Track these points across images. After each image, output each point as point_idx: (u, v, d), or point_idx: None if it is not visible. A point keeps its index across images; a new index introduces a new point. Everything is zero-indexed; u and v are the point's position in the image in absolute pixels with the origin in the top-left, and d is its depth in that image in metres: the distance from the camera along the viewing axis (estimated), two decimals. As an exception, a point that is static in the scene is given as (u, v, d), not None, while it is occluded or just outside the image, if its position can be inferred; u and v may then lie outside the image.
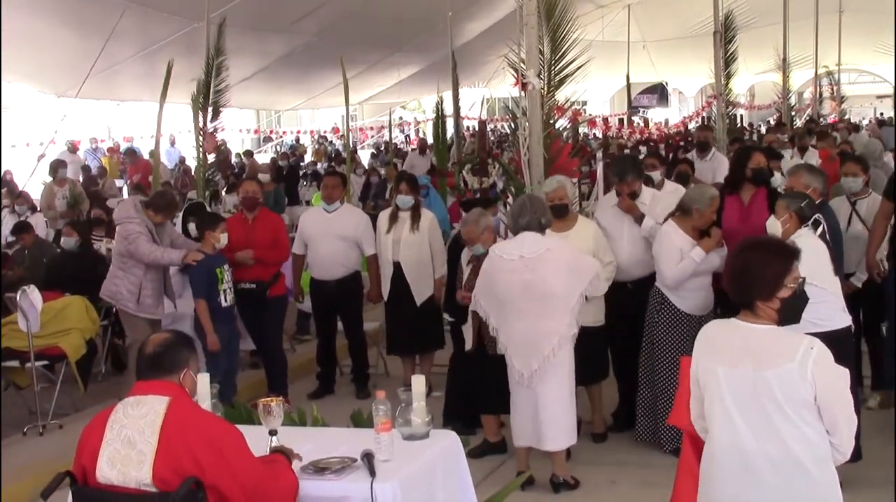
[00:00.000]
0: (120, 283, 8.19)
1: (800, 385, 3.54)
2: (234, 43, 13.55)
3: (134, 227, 8.07)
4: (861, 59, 35.71)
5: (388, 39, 23.39)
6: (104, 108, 25.39)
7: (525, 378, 6.39)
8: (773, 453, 3.57)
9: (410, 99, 35.24)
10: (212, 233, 7.99)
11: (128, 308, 8.21)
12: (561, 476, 6.57)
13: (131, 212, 8.19)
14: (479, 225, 7.12)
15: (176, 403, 3.81)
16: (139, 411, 3.81)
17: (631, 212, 7.41)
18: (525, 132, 8.14)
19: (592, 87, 30.68)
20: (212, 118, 12.31)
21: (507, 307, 6.42)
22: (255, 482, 3.82)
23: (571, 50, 8.75)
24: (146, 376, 3.91)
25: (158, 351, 3.91)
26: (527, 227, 6.46)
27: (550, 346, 6.31)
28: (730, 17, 17.01)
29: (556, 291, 6.33)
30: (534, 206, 6.53)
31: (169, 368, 3.90)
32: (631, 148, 19.20)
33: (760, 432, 3.58)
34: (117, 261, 8.29)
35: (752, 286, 3.65)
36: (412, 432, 4.55)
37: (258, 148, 35.82)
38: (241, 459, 3.82)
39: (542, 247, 6.39)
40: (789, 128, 21.29)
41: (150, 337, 4.04)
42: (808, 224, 6.06)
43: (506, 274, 6.42)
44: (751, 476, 3.60)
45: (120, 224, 8.28)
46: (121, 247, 8.22)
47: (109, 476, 3.78)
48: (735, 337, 3.67)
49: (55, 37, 17.36)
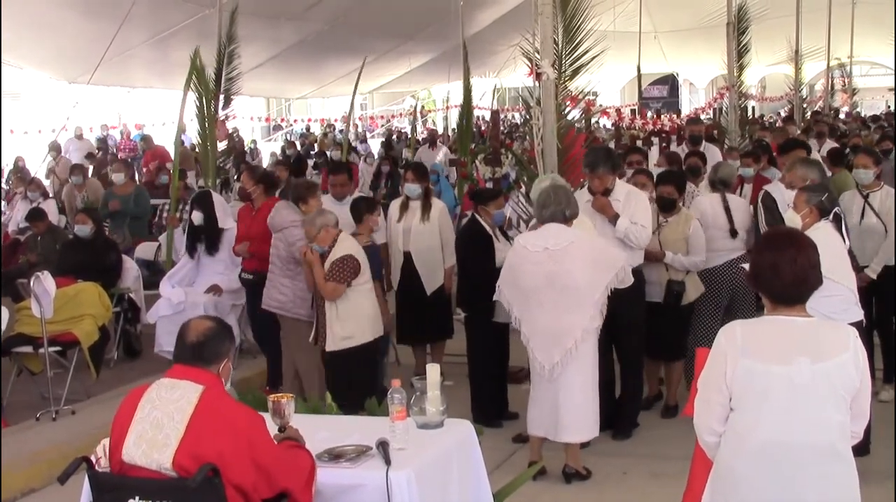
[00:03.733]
0: (287, 292, 7.79)
1: (854, 373, 3.59)
2: (246, 30, 13.54)
3: (298, 232, 7.59)
4: (874, 52, 35.55)
5: (399, 28, 23.35)
6: (116, 95, 25.40)
7: (546, 370, 6.38)
8: (821, 445, 3.57)
9: (421, 88, 35.18)
10: (371, 217, 7.95)
11: (300, 315, 7.76)
12: (573, 466, 6.58)
13: (293, 216, 7.82)
14: (316, 224, 7.04)
15: (209, 393, 3.83)
16: (172, 395, 3.83)
17: (604, 213, 7.13)
18: (539, 122, 8.14)
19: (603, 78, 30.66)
20: (223, 106, 12.33)
21: (531, 299, 6.40)
22: (274, 466, 3.83)
23: (586, 40, 8.74)
24: (186, 362, 3.91)
25: (202, 340, 3.90)
26: (552, 218, 6.42)
27: (573, 339, 6.29)
28: (743, 8, 16.96)
29: (580, 284, 6.30)
30: (558, 197, 6.48)
31: (209, 359, 3.91)
32: (644, 139, 19.14)
33: (811, 427, 3.56)
34: (282, 270, 7.83)
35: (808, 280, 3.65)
36: (427, 421, 4.56)
37: (268, 136, 35.86)
38: (264, 448, 3.83)
39: (566, 240, 6.35)
40: (801, 121, 21.27)
41: (192, 323, 4.00)
42: (828, 218, 6.05)
43: (530, 265, 6.38)
44: (799, 471, 3.56)
45: (282, 230, 7.85)
46: (285, 253, 7.80)
47: (134, 455, 3.80)
48: (782, 333, 3.64)
49: (68, 23, 17.36)
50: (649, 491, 6.45)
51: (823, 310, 4.24)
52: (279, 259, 7.85)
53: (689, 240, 7.62)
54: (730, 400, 3.66)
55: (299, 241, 7.53)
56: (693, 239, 7.63)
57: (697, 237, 7.65)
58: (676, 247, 7.58)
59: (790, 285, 3.65)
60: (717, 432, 3.72)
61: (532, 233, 6.71)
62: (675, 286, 7.55)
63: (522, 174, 9.15)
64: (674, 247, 7.57)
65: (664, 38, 32.54)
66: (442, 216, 8.78)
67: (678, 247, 7.59)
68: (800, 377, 3.56)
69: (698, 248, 7.64)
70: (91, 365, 8.51)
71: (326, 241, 7.02)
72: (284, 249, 7.79)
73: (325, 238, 7.02)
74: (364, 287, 7.12)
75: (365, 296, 7.13)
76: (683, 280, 7.59)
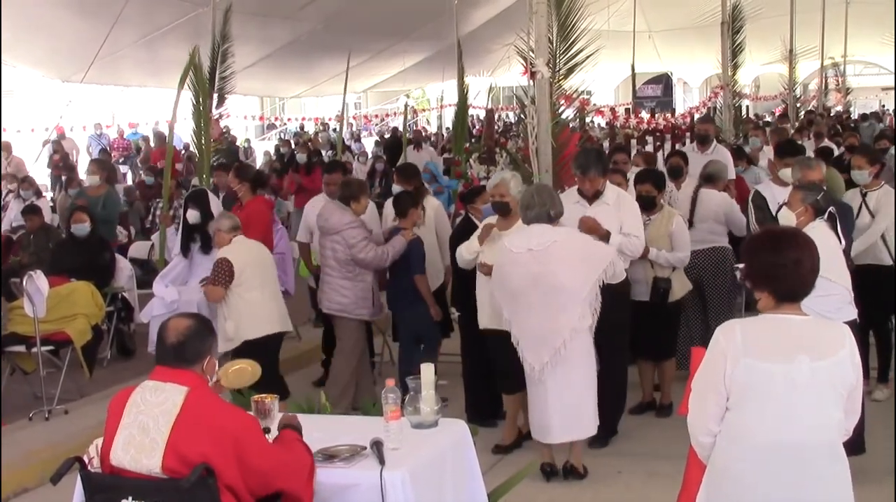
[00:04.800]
0: (349, 293, 7.81)
1: (850, 371, 3.61)
2: (239, 29, 13.53)
3: (357, 233, 7.69)
4: (867, 51, 35.64)
5: (393, 27, 23.34)
6: (109, 94, 25.37)
7: (536, 371, 6.35)
8: (821, 444, 3.57)
9: (415, 87, 35.17)
10: (415, 211, 8.02)
11: (362, 315, 7.88)
12: (573, 463, 6.56)
13: (348, 216, 7.79)
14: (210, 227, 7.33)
15: (194, 394, 3.79)
16: (157, 398, 3.80)
17: (594, 233, 6.91)
18: (533, 121, 8.12)
19: (597, 77, 30.67)
20: (217, 105, 12.30)
21: (519, 300, 6.38)
22: (269, 469, 3.81)
23: (580, 39, 8.72)
24: (168, 363, 3.87)
25: (182, 340, 3.86)
26: (536, 219, 6.40)
27: (562, 339, 6.26)
28: (738, 7, 16.96)
29: (566, 284, 6.27)
30: (542, 198, 6.46)
31: (191, 358, 3.87)
32: (638, 138, 19.15)
33: (812, 425, 3.56)
34: (341, 272, 7.82)
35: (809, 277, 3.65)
36: (421, 420, 4.55)
37: (262, 135, 35.81)
38: (256, 450, 3.81)
39: (549, 240, 6.31)
40: (794, 120, 21.28)
41: (171, 323, 3.95)
42: (823, 217, 6.04)
43: (515, 266, 6.37)
44: (799, 470, 3.55)
45: (339, 232, 7.78)
46: (344, 255, 7.77)
47: (122, 460, 3.78)
48: (782, 332, 3.63)
49: (61, 22, 17.34)
50: (645, 491, 6.44)
51: (818, 309, 4.24)
52: (337, 261, 7.83)
53: (673, 237, 7.62)
54: (727, 400, 3.65)
55: (360, 242, 7.67)
56: (676, 235, 7.63)
57: (681, 233, 7.66)
58: (660, 243, 7.56)
59: (794, 284, 3.64)
60: (712, 432, 3.71)
61: (516, 234, 6.66)
62: (662, 283, 7.53)
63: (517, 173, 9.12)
64: (657, 244, 7.54)
65: (658, 37, 32.56)
66: (438, 215, 8.77)
67: (662, 243, 7.57)
68: (800, 375, 3.56)
69: (682, 244, 7.64)
70: (84, 364, 8.49)
71: (221, 245, 7.52)
72: (343, 251, 7.78)
73: (219, 241, 7.54)
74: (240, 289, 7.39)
75: (241, 297, 7.40)
76: (669, 277, 7.58)
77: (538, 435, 6.55)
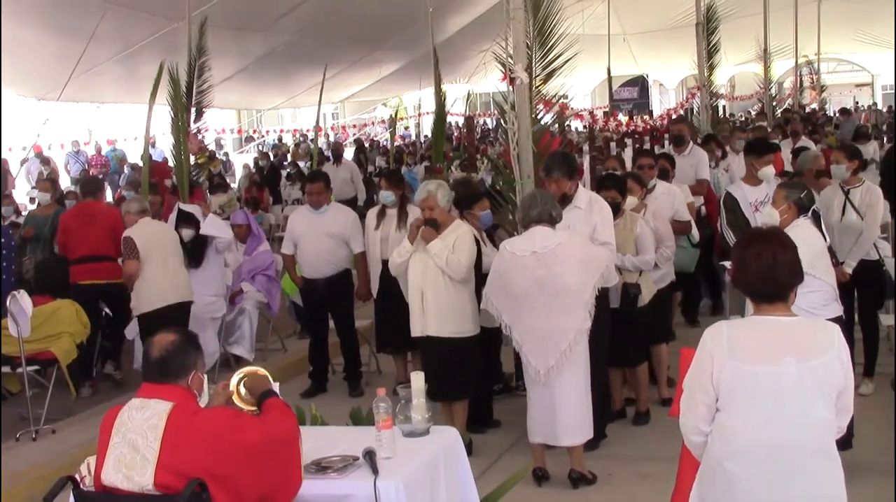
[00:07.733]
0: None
1: (839, 371, 3.61)
2: (215, 43, 13.49)
3: None
4: (840, 49, 35.90)
5: (368, 37, 23.33)
6: (85, 111, 25.25)
7: (542, 375, 6.33)
8: (810, 444, 3.58)
9: (392, 96, 35.17)
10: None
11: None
12: (579, 470, 6.51)
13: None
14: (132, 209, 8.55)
15: (179, 409, 3.77)
16: (143, 415, 3.78)
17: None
18: (514, 126, 8.13)
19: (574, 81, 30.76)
20: (195, 118, 12.27)
21: (522, 304, 6.35)
22: (269, 460, 3.81)
23: (558, 44, 8.75)
24: (153, 379, 3.86)
25: (165, 355, 3.84)
26: (538, 218, 6.38)
27: (567, 342, 6.26)
28: (712, 8, 17.06)
29: (571, 286, 6.27)
30: (543, 198, 6.46)
31: (176, 373, 3.85)
32: (617, 141, 19.19)
33: (799, 425, 3.57)
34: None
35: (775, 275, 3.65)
36: (413, 429, 4.55)
37: (240, 148, 35.75)
38: (245, 447, 3.77)
39: (553, 242, 6.31)
40: (772, 118, 21.40)
41: (155, 338, 3.92)
42: (806, 214, 6.07)
43: (519, 270, 6.34)
44: (788, 470, 3.56)
45: None
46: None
47: (114, 479, 3.75)
48: (768, 333, 3.65)
49: (35, 40, 17.23)
50: (636, 493, 6.44)
51: (803, 306, 4.27)
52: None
53: (638, 240, 7.57)
54: (716, 401, 3.67)
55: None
56: (641, 238, 7.58)
57: (645, 236, 7.60)
58: (626, 248, 7.47)
59: (756, 281, 3.67)
60: (703, 432, 3.73)
61: (518, 237, 6.66)
62: (632, 289, 7.46)
63: (498, 178, 9.15)
64: (623, 250, 7.43)
65: (633, 39, 32.72)
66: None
67: (628, 248, 7.50)
68: (787, 377, 3.57)
69: (647, 247, 7.57)
70: (70, 383, 8.45)
71: (129, 225, 8.56)
72: None
73: (127, 222, 8.64)
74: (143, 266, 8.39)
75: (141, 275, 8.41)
76: (638, 282, 7.53)
77: (542, 439, 6.51)
